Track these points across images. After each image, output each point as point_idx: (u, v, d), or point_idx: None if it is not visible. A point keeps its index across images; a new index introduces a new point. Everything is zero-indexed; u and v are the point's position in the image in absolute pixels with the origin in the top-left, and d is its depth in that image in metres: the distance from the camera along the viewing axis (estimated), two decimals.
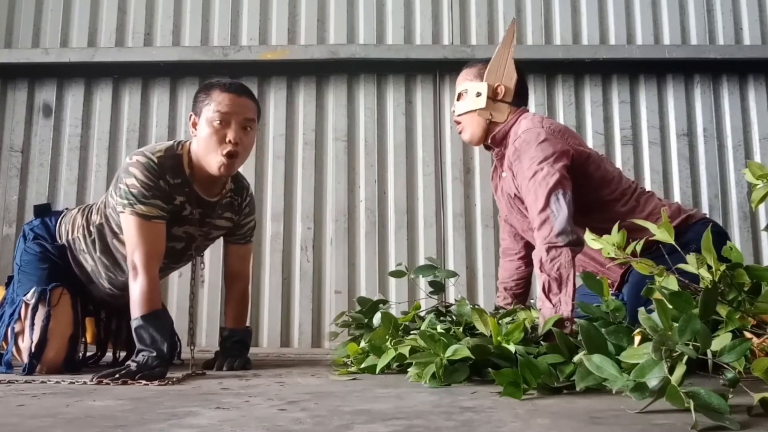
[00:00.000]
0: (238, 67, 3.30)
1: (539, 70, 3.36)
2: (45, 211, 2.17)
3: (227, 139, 1.83)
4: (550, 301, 1.74)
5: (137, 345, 1.77)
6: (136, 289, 1.80)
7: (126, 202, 1.83)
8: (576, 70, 3.36)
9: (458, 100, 2.12)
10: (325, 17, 3.44)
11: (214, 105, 1.84)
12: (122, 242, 1.95)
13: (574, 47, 3.36)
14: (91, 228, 2.02)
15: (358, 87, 3.39)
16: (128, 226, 1.84)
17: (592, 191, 1.96)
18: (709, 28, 3.43)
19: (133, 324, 1.79)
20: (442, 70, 3.35)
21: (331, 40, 3.40)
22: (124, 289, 2.04)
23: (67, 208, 2.21)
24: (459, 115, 2.11)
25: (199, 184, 1.95)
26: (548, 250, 1.77)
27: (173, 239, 1.94)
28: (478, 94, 2.06)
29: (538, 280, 1.80)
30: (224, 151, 1.83)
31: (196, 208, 1.97)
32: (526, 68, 3.30)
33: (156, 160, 1.86)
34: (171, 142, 1.95)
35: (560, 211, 1.79)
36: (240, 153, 1.87)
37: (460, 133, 2.15)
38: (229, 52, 3.25)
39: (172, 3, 3.43)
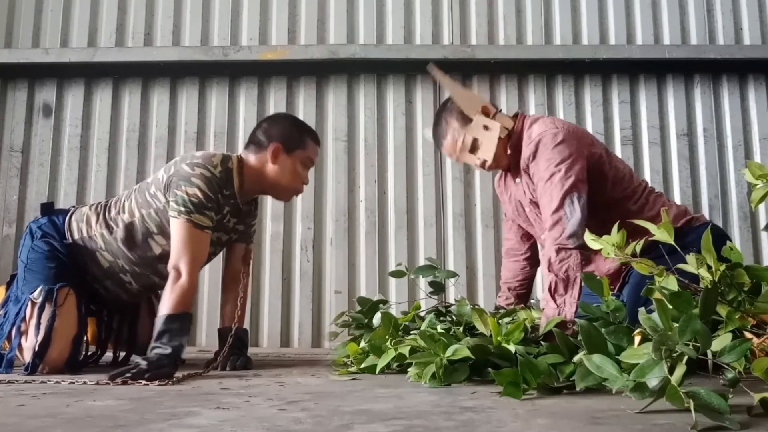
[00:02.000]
0: (238, 67, 3.31)
1: (539, 70, 3.37)
2: (51, 209, 2.18)
3: (303, 182, 2.14)
4: (555, 301, 1.74)
5: (153, 341, 1.78)
6: (176, 289, 1.84)
7: (183, 209, 1.90)
8: (576, 70, 3.36)
9: (473, 152, 2.03)
10: (325, 17, 3.44)
11: (307, 153, 2.11)
12: (157, 242, 2.01)
13: (574, 47, 3.36)
14: (113, 225, 2.03)
15: (358, 87, 3.39)
16: (179, 231, 1.90)
17: (606, 191, 1.95)
18: (709, 28, 3.43)
19: (159, 320, 1.80)
20: (443, 70, 3.34)
21: (331, 40, 3.41)
22: (145, 285, 2.10)
23: (74, 206, 2.21)
24: (490, 162, 2.02)
25: (242, 197, 2.08)
26: (558, 251, 1.77)
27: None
28: (486, 128, 2.00)
29: (545, 279, 1.79)
30: (298, 189, 2.14)
31: (233, 218, 2.09)
32: (526, 68, 3.34)
33: (218, 176, 1.97)
34: (221, 155, 2.02)
35: (574, 213, 1.78)
36: None
37: (491, 170, 2.09)
38: (229, 52, 3.25)
39: (172, 3, 3.43)
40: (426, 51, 3.31)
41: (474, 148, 2.03)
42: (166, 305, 1.82)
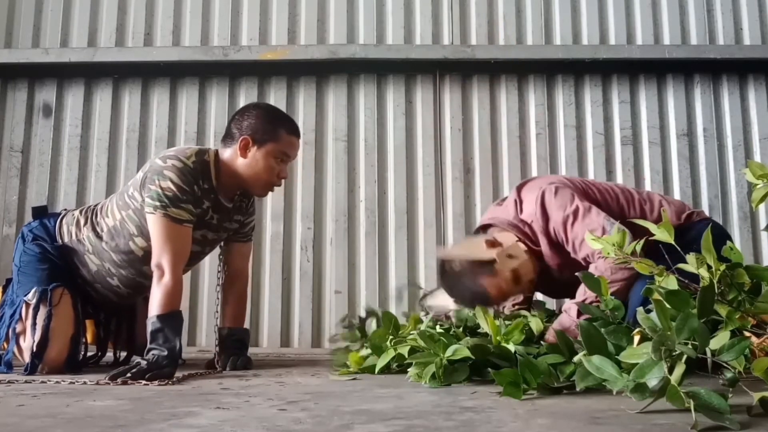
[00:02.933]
0: (238, 67, 3.30)
1: (539, 70, 3.36)
2: (43, 213, 2.18)
3: (280, 176, 2.03)
4: (578, 314, 1.71)
5: (149, 343, 1.78)
6: (161, 288, 1.83)
7: (158, 204, 1.86)
8: (576, 70, 3.36)
9: (518, 283, 1.92)
10: (325, 17, 3.44)
11: (281, 145, 1.99)
12: (137, 244, 1.97)
13: (574, 47, 3.36)
14: (99, 230, 2.02)
15: (358, 87, 3.39)
16: (157, 227, 1.86)
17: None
18: (709, 28, 3.43)
19: (150, 321, 1.80)
20: (442, 70, 3.35)
21: (331, 40, 3.40)
22: (133, 288, 2.07)
23: (65, 210, 2.21)
24: (535, 273, 1.95)
25: (222, 191, 2.02)
26: (614, 270, 1.71)
27: (192, 242, 1.96)
28: (510, 256, 1.89)
29: (581, 291, 1.76)
30: (273, 183, 2.04)
31: (216, 214, 2.03)
32: (526, 68, 3.34)
33: (191, 165, 1.92)
34: (197, 148, 2.00)
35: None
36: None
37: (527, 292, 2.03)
38: (229, 52, 3.25)
39: (172, 3, 3.43)
40: (426, 51, 3.31)
41: (517, 278, 1.90)
42: (154, 306, 1.81)
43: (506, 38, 3.40)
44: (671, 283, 1.25)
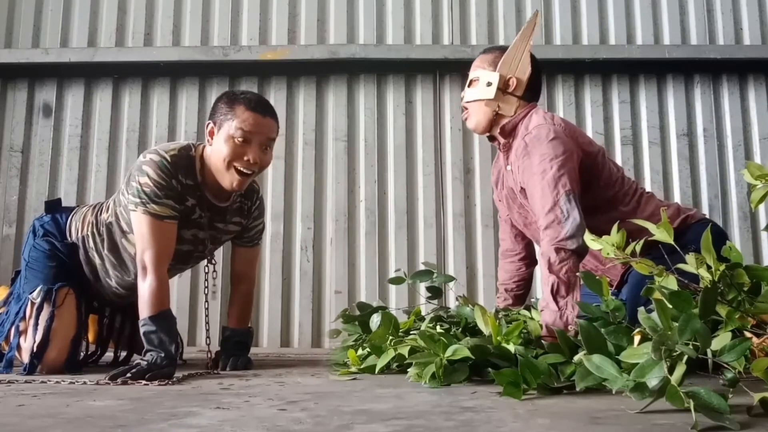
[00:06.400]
0: (238, 67, 3.31)
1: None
2: (56, 207, 2.16)
3: (246, 158, 1.84)
4: (557, 303, 1.72)
5: (145, 345, 1.77)
6: (146, 289, 1.80)
7: (138, 200, 1.82)
8: (576, 70, 3.36)
9: (469, 86, 2.06)
10: (325, 17, 3.44)
11: (236, 122, 1.83)
12: (130, 242, 1.95)
13: (574, 47, 3.36)
14: (101, 226, 2.01)
15: (358, 87, 3.39)
16: (139, 225, 1.83)
17: (597, 192, 1.94)
18: (709, 28, 3.43)
19: (141, 325, 1.78)
20: (442, 70, 3.35)
21: (331, 40, 3.41)
22: (129, 288, 2.05)
23: (78, 206, 2.20)
24: (467, 102, 2.06)
25: (210, 189, 1.95)
26: (557, 251, 1.74)
27: (181, 242, 1.93)
28: (489, 84, 2.00)
29: (545, 280, 1.76)
30: (240, 169, 1.85)
31: (205, 212, 1.97)
32: None
33: (169, 159, 1.85)
34: (186, 143, 1.95)
35: (571, 213, 1.76)
36: (255, 172, 1.90)
37: (465, 119, 2.09)
38: (229, 52, 3.25)
39: (172, 3, 3.43)
40: (426, 51, 3.31)
41: (471, 83, 2.06)
42: (143, 308, 1.79)
43: (506, 38, 3.39)
44: (671, 283, 1.25)
